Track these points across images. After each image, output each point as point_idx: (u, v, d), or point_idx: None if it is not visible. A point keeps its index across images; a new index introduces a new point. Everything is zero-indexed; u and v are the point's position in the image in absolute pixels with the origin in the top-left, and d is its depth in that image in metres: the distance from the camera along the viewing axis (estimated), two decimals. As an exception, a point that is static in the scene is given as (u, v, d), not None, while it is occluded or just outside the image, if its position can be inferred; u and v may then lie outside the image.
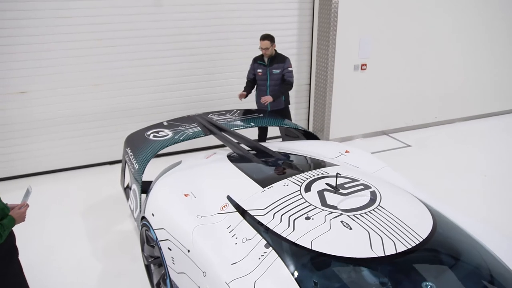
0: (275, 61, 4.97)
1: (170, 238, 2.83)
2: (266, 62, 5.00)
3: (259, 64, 5.05)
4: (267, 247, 2.47)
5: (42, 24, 4.97)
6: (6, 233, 2.34)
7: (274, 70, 4.96)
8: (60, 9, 4.99)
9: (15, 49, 4.96)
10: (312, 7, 6.21)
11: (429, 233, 2.52)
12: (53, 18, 4.99)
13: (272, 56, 4.97)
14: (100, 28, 5.22)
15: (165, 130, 4.37)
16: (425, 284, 2.21)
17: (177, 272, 2.78)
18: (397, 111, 6.95)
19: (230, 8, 5.76)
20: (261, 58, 5.05)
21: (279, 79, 4.98)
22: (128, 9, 5.28)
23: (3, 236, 2.31)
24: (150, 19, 5.43)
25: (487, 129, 7.36)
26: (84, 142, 5.61)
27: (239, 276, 2.36)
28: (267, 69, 5.00)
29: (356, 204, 2.70)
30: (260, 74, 5.04)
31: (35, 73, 5.11)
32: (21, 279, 2.58)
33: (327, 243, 2.39)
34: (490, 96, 7.77)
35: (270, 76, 4.98)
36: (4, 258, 2.41)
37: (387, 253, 2.31)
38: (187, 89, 5.92)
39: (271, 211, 2.71)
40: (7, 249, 2.43)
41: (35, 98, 5.19)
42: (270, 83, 5.00)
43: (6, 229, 2.33)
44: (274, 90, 4.97)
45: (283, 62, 4.96)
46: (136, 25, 5.39)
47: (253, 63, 5.14)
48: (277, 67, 4.95)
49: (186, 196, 3.12)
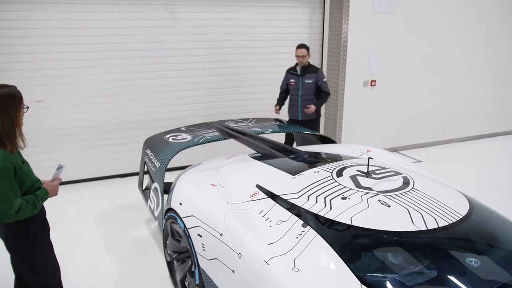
0: (307, 71, 5.14)
1: (200, 224, 2.77)
2: (299, 72, 5.17)
3: (292, 74, 5.23)
4: (304, 226, 2.42)
5: (59, 34, 5.06)
6: (41, 204, 2.33)
7: (307, 80, 5.12)
8: (77, 20, 5.10)
9: (32, 58, 5.02)
10: (322, 26, 6.39)
11: (468, 211, 2.50)
12: (71, 29, 5.09)
13: (305, 66, 5.14)
14: (115, 39, 5.32)
15: (183, 134, 4.37)
16: (469, 259, 2.17)
17: (207, 259, 2.70)
18: (406, 129, 7.01)
19: (244, 24, 5.92)
20: (294, 68, 5.23)
21: (311, 88, 5.14)
22: (143, 22, 5.40)
23: (37, 206, 2.29)
24: (165, 32, 5.55)
25: (496, 147, 7.43)
26: (95, 154, 5.58)
27: (278, 254, 2.30)
28: (299, 78, 5.15)
29: (390, 187, 2.69)
30: (293, 83, 5.21)
31: (52, 82, 5.15)
32: (52, 253, 2.52)
33: (368, 219, 2.35)
34: (498, 115, 7.91)
35: (302, 85, 5.14)
36: (37, 231, 2.36)
37: (429, 227, 2.28)
38: (200, 102, 5.97)
39: (304, 194, 2.68)
40: (40, 222, 2.39)
41: (50, 107, 5.20)
42: (302, 93, 5.15)
43: (40, 199, 2.31)
44: (305, 99, 5.13)
45: (316, 73, 5.15)
46: (151, 37, 5.50)
47: (286, 73, 5.33)
48: (310, 77, 5.12)
49: (214, 186, 3.08)
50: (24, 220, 2.25)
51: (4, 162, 2.13)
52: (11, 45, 4.91)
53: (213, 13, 5.72)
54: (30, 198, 2.25)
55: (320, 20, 6.34)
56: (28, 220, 2.28)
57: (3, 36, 4.86)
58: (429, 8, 6.60)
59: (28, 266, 2.37)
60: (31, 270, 2.38)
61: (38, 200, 2.29)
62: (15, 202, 2.15)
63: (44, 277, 2.41)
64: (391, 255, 2.21)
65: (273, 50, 6.20)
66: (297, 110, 5.21)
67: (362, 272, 2.08)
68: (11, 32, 4.87)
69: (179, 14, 5.56)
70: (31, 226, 2.31)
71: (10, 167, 2.15)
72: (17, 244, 2.32)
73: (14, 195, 2.16)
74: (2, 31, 4.84)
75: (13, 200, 2.15)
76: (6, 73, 4.91)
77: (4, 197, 2.13)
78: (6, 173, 2.13)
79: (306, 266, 2.18)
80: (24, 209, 2.19)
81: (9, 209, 2.13)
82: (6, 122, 2.17)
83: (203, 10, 5.66)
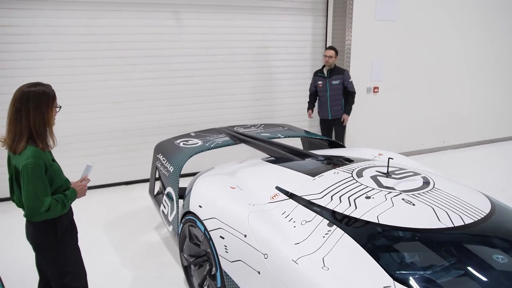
0: (334, 73, 5.41)
1: (222, 226, 2.76)
2: (325, 74, 5.43)
3: (319, 77, 5.51)
4: (330, 226, 2.42)
5: (65, 40, 5.07)
6: (69, 204, 2.31)
7: (334, 81, 5.40)
8: (84, 26, 5.11)
9: (38, 64, 5.02)
10: (325, 34, 6.46)
11: (490, 209, 2.52)
12: (78, 35, 5.11)
13: (331, 68, 5.40)
14: (122, 46, 5.34)
15: (194, 139, 4.36)
16: (496, 256, 2.19)
17: (230, 261, 2.68)
18: (408, 135, 7.08)
19: (249, 31, 5.98)
20: (321, 71, 5.51)
21: (339, 89, 5.43)
22: (149, 29, 5.43)
23: (66, 206, 2.27)
24: (171, 39, 5.58)
25: (496, 153, 7.54)
26: (101, 161, 5.54)
27: (306, 254, 2.30)
28: (326, 80, 5.41)
29: (411, 186, 2.71)
30: (321, 85, 5.49)
31: (58, 88, 5.04)
32: (79, 256, 2.49)
33: (394, 217, 2.37)
34: (498, 122, 8.05)
35: (330, 86, 5.42)
36: (65, 231, 2.33)
37: (455, 224, 2.30)
38: (206, 109, 5.99)
39: (327, 194, 2.69)
40: (68, 222, 2.37)
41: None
42: (330, 93, 5.44)
43: (69, 199, 2.30)
44: (334, 99, 5.47)
45: (342, 74, 5.43)
46: (157, 44, 5.52)
47: (314, 76, 5.62)
48: (336, 78, 5.40)
49: (233, 189, 3.08)
50: (52, 219, 2.23)
51: (36, 159, 2.11)
52: (17, 51, 4.91)
53: (218, 21, 5.77)
54: (60, 197, 2.24)
55: (323, 27, 6.42)
56: (56, 219, 2.26)
57: (9, 42, 4.85)
58: (431, 16, 6.74)
59: (54, 267, 2.34)
60: (57, 271, 2.34)
61: (67, 200, 2.27)
62: (46, 200, 2.12)
63: (69, 280, 2.37)
64: (420, 251, 2.22)
65: (278, 57, 6.26)
66: (327, 110, 5.54)
67: (392, 269, 2.09)
68: (18, 38, 4.87)
69: (185, 21, 5.60)
70: (59, 226, 2.29)
71: (41, 164, 2.13)
72: (45, 244, 2.28)
73: (45, 193, 2.13)
74: (9, 37, 4.84)
75: (44, 198, 2.12)
76: (12, 79, 4.89)
77: (35, 194, 2.10)
78: (38, 170, 2.11)
79: (336, 265, 2.18)
80: (54, 207, 2.16)
81: (40, 207, 2.10)
82: (38, 119, 2.15)
83: (209, 17, 5.71)
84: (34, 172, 2.09)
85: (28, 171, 2.09)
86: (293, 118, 6.45)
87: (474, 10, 7.18)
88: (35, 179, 2.09)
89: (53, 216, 2.19)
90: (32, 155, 2.11)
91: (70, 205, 2.36)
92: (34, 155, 2.11)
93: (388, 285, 2.00)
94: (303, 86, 6.58)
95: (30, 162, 2.09)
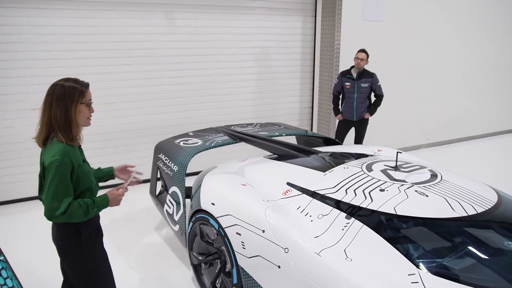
0: (363, 76, 5.43)
1: (238, 222, 2.78)
2: (354, 76, 5.43)
3: (347, 78, 5.49)
4: (348, 218, 2.49)
5: (57, 40, 4.96)
6: (96, 211, 2.15)
7: (362, 84, 5.43)
8: (75, 26, 5.01)
9: (30, 64, 4.89)
10: (313, 34, 6.56)
11: (498, 199, 2.65)
12: (69, 35, 5.00)
13: (361, 71, 5.42)
14: (114, 46, 5.26)
15: (193, 139, 4.35)
16: (508, 242, 2.30)
17: (248, 257, 2.70)
18: (394, 133, 7.25)
19: (239, 31, 6.00)
20: (349, 72, 5.49)
21: (366, 92, 5.46)
22: (141, 29, 5.37)
23: (89, 214, 2.11)
24: (163, 39, 5.55)
25: (478, 149, 7.85)
26: (95, 163, 5.40)
27: (327, 246, 2.35)
28: (355, 82, 5.42)
29: (421, 179, 2.81)
30: (348, 87, 5.48)
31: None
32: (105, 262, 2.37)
33: (410, 208, 2.45)
34: (479, 120, 8.42)
35: (358, 89, 5.43)
36: (90, 235, 2.23)
37: (469, 213, 2.40)
38: (199, 109, 5.97)
39: (342, 188, 2.76)
40: (93, 226, 2.26)
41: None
42: (357, 96, 5.45)
43: (96, 207, 2.15)
44: (360, 102, 5.48)
45: (371, 77, 5.46)
46: (149, 44, 5.47)
47: (341, 76, 5.57)
48: (365, 81, 5.43)
49: (244, 186, 3.10)
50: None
51: (63, 157, 2.01)
52: (8, 51, 4.77)
53: (210, 21, 5.77)
54: (85, 202, 2.10)
55: (312, 28, 6.52)
56: (80, 222, 2.13)
57: (0, 41, 4.71)
58: (417, 17, 6.95)
59: (77, 272, 2.23)
60: (80, 277, 2.24)
61: (94, 207, 2.13)
62: (64, 201, 2.00)
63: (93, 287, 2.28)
64: (438, 240, 2.31)
65: (269, 57, 6.32)
66: (352, 112, 5.54)
67: (414, 257, 2.17)
68: (9, 38, 4.73)
69: (177, 21, 5.58)
70: (83, 229, 2.18)
71: (68, 163, 2.03)
72: (68, 248, 2.19)
73: (65, 194, 2.01)
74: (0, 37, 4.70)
75: (63, 199, 2.00)
76: (3, 80, 4.76)
77: (54, 194, 1.99)
78: (63, 169, 2.01)
79: (358, 256, 2.24)
80: (74, 211, 2.03)
81: (57, 209, 1.98)
82: (59, 112, 2.09)
83: (200, 17, 5.70)
84: (58, 171, 2.00)
85: (52, 169, 1.99)
86: (284, 118, 6.52)
87: (459, 10, 7.46)
88: (58, 178, 1.99)
89: (71, 221, 2.06)
90: (59, 152, 2.02)
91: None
92: (61, 153, 2.02)
93: (413, 273, 2.07)
94: (293, 86, 6.67)
95: (56, 159, 2.00)
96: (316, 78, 6.71)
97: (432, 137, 7.82)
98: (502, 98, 8.72)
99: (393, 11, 6.67)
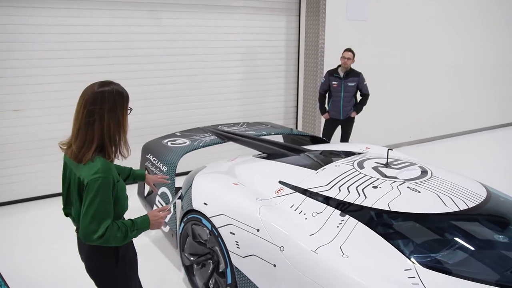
0: (350, 75, 5.47)
1: (232, 222, 2.76)
2: (341, 75, 5.46)
3: (334, 77, 5.52)
4: (342, 216, 2.50)
5: (39, 39, 4.83)
6: (134, 235, 1.92)
7: (349, 83, 5.46)
8: (58, 25, 4.90)
9: (10, 64, 4.75)
10: (298, 33, 6.59)
11: (487, 194, 2.70)
12: (51, 34, 4.88)
13: (347, 71, 5.45)
14: (97, 46, 5.17)
15: (181, 139, 4.32)
16: (498, 236, 2.35)
17: (243, 256, 2.69)
18: (377, 131, 7.34)
19: (225, 31, 5.98)
20: (336, 71, 5.51)
21: (353, 91, 5.50)
22: (126, 28, 5.29)
23: (128, 237, 1.89)
24: (150, 38, 5.47)
25: (460, 146, 8.05)
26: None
27: (323, 243, 2.36)
28: (342, 81, 5.45)
29: (412, 175, 2.85)
30: (335, 86, 5.51)
31: (31, 90, 4.89)
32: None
33: (404, 204, 2.48)
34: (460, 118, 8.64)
35: (345, 88, 5.46)
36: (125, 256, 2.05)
37: (461, 208, 2.45)
38: (184, 109, 5.92)
39: (335, 186, 2.77)
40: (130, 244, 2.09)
41: (30, 116, 4.93)
42: (344, 95, 5.48)
43: (136, 229, 1.93)
44: (347, 100, 5.53)
45: (358, 76, 5.49)
46: (133, 44, 5.40)
47: (328, 76, 5.59)
48: (352, 80, 5.46)
49: (236, 185, 3.09)
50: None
51: (106, 174, 1.80)
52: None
53: (195, 20, 5.72)
54: (124, 224, 1.90)
55: (296, 27, 6.54)
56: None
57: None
58: (400, 15, 7.05)
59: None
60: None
61: (133, 229, 1.91)
62: (104, 224, 1.80)
63: None
64: (432, 235, 2.34)
65: (254, 57, 6.31)
66: (339, 110, 5.58)
67: (410, 252, 2.19)
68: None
69: (163, 21, 5.51)
70: (121, 249, 1.98)
71: (111, 181, 1.83)
72: (101, 269, 1.99)
73: (105, 216, 1.81)
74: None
75: (102, 221, 1.80)
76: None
77: (93, 216, 1.78)
78: (106, 188, 1.81)
79: (354, 252, 2.25)
80: (112, 234, 1.82)
81: (95, 232, 1.78)
82: (112, 124, 1.86)
83: (185, 17, 5.65)
84: (102, 190, 1.79)
85: (94, 188, 1.78)
86: (269, 117, 6.53)
87: (443, 8, 7.61)
88: (100, 198, 1.79)
89: (108, 245, 1.85)
90: (102, 168, 1.81)
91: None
92: (104, 169, 1.81)
93: (409, 268, 2.10)
94: (278, 85, 6.68)
95: (98, 177, 1.78)
96: (300, 77, 6.73)
97: (415, 135, 7.96)
98: (483, 97, 8.98)
99: (376, 11, 6.75)
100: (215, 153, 5.45)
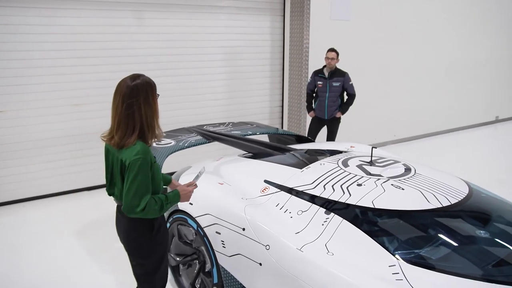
0: (335, 75, 5.47)
1: (217, 221, 2.76)
2: (326, 75, 5.47)
3: (319, 77, 5.54)
4: (327, 214, 2.52)
5: (21, 40, 4.75)
6: (168, 207, 2.23)
7: (334, 83, 5.46)
8: (41, 25, 4.83)
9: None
10: (282, 33, 6.61)
11: (469, 190, 2.75)
12: (34, 34, 4.81)
13: (332, 70, 5.45)
14: (82, 46, 5.11)
15: (166, 139, 4.29)
16: (479, 231, 2.39)
17: (229, 255, 2.69)
18: (362, 130, 7.41)
19: (210, 31, 5.97)
20: (321, 71, 5.53)
21: (338, 91, 5.51)
22: (110, 28, 5.24)
23: (164, 209, 2.19)
24: (132, 39, 5.43)
25: (443, 144, 8.18)
26: (61, 167, 5.26)
27: (308, 242, 2.37)
28: (327, 81, 5.46)
29: (396, 173, 2.88)
30: (320, 86, 5.53)
31: (13, 91, 4.81)
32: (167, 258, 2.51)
33: (387, 201, 2.51)
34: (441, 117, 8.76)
35: (330, 88, 5.47)
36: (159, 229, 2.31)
37: (444, 205, 2.48)
38: (170, 109, 5.87)
39: (320, 184, 2.79)
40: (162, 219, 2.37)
41: (12, 118, 4.84)
42: (329, 95, 5.50)
43: (169, 202, 2.23)
44: (332, 100, 5.55)
45: (343, 76, 5.49)
46: (118, 44, 5.35)
47: (314, 75, 5.62)
48: (337, 80, 5.47)
49: (221, 185, 3.08)
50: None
51: (145, 155, 2.08)
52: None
53: (180, 20, 5.70)
54: (161, 198, 2.18)
55: (280, 27, 6.56)
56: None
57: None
58: (384, 15, 7.14)
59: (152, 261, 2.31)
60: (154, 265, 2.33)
61: (167, 203, 2.21)
62: (144, 199, 2.08)
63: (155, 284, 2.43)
64: (416, 231, 2.37)
65: (239, 57, 6.31)
66: (323, 110, 5.60)
67: (394, 249, 2.22)
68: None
69: (147, 21, 5.48)
70: (156, 223, 2.26)
71: (149, 161, 2.11)
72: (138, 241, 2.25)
73: (145, 192, 2.08)
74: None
75: (144, 197, 2.08)
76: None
77: (135, 192, 2.05)
78: (145, 167, 2.07)
79: (339, 250, 2.27)
80: (151, 207, 2.10)
81: (137, 206, 2.06)
82: (148, 112, 2.13)
83: (168, 16, 5.62)
84: (141, 169, 2.06)
85: (136, 167, 2.05)
86: (255, 117, 6.53)
87: (427, 7, 7.72)
88: (141, 176, 2.06)
89: (147, 217, 2.14)
90: (141, 150, 2.08)
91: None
92: (143, 151, 2.09)
93: (393, 264, 2.12)
94: (263, 85, 6.70)
95: (139, 157, 2.05)
96: (285, 77, 6.75)
97: (399, 133, 8.05)
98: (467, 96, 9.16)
99: (360, 11, 6.81)
100: (201, 153, 5.43)
